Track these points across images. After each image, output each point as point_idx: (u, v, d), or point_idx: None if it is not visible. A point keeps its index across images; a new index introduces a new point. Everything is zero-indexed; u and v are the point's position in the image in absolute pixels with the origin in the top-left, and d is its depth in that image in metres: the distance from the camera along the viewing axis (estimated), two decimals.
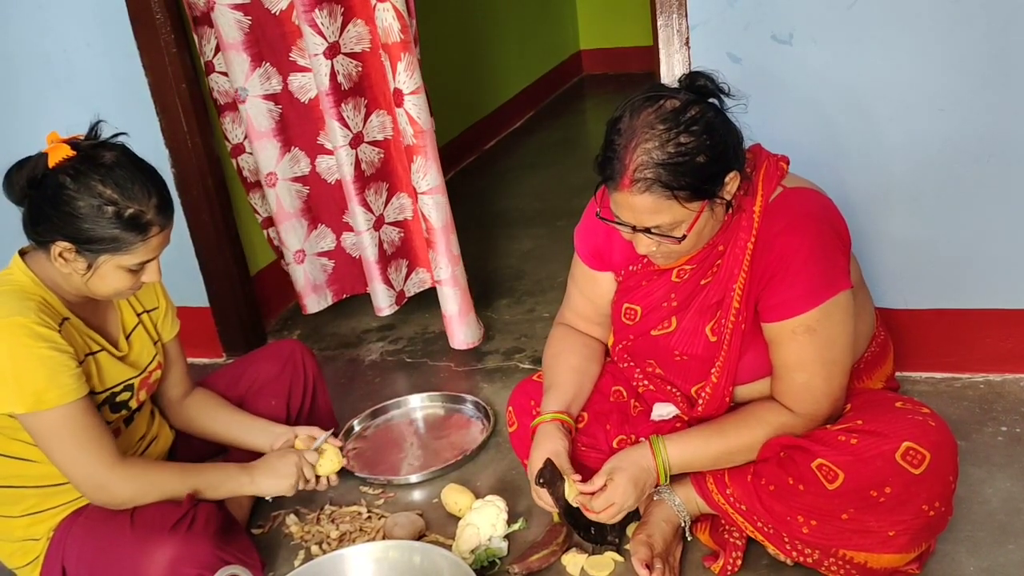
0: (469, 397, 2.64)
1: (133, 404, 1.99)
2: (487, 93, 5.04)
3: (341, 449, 2.11)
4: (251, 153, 2.96)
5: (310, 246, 3.08)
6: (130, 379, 1.97)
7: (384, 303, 3.03)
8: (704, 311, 1.80)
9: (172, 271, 2.52)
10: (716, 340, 1.79)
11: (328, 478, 2.08)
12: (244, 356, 2.47)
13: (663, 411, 1.90)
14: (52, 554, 1.90)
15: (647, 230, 1.65)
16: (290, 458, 2.02)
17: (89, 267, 1.79)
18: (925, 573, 1.77)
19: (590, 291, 2.00)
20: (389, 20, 2.52)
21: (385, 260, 3.01)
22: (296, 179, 3.00)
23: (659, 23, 2.28)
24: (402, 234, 3.06)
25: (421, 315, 3.20)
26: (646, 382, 1.94)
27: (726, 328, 1.76)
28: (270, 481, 2.01)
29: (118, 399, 1.95)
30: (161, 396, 2.18)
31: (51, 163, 1.77)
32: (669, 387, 1.89)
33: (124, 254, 1.78)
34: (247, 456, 2.19)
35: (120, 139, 1.86)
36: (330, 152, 2.97)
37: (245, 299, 3.10)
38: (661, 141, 1.58)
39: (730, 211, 1.73)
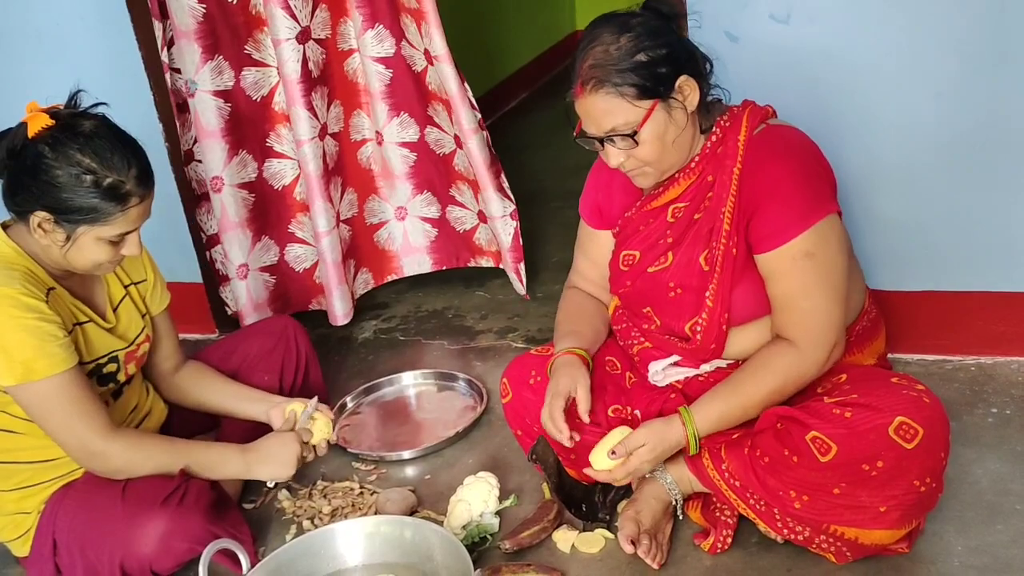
0: (462, 375, 2.65)
1: (121, 377, 1.98)
2: (481, 74, 5.01)
3: (333, 423, 2.11)
4: (199, 160, 2.84)
5: (254, 260, 2.93)
6: (116, 351, 1.96)
7: (342, 310, 2.91)
8: (697, 241, 1.83)
9: (165, 246, 2.52)
10: (709, 269, 1.81)
11: (316, 447, 2.07)
12: (236, 332, 2.47)
13: (659, 366, 1.89)
14: (43, 527, 1.90)
15: (609, 138, 1.75)
16: (291, 446, 1.99)
17: (68, 238, 1.78)
18: (914, 552, 1.78)
19: (595, 253, 2.04)
20: None
21: (344, 260, 2.93)
22: (242, 185, 2.85)
23: None
24: (351, 232, 3.01)
25: (414, 294, 3.20)
26: (643, 339, 1.94)
27: (718, 253, 1.79)
28: (268, 468, 1.99)
29: (104, 371, 1.94)
30: (153, 369, 2.17)
31: (30, 133, 1.76)
32: (667, 336, 1.89)
33: (103, 225, 1.77)
34: (240, 428, 2.20)
35: (100, 109, 1.84)
36: (279, 155, 2.86)
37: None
38: (606, 45, 1.72)
39: (710, 136, 1.81)
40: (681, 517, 1.92)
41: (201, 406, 2.20)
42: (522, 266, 2.91)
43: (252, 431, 2.23)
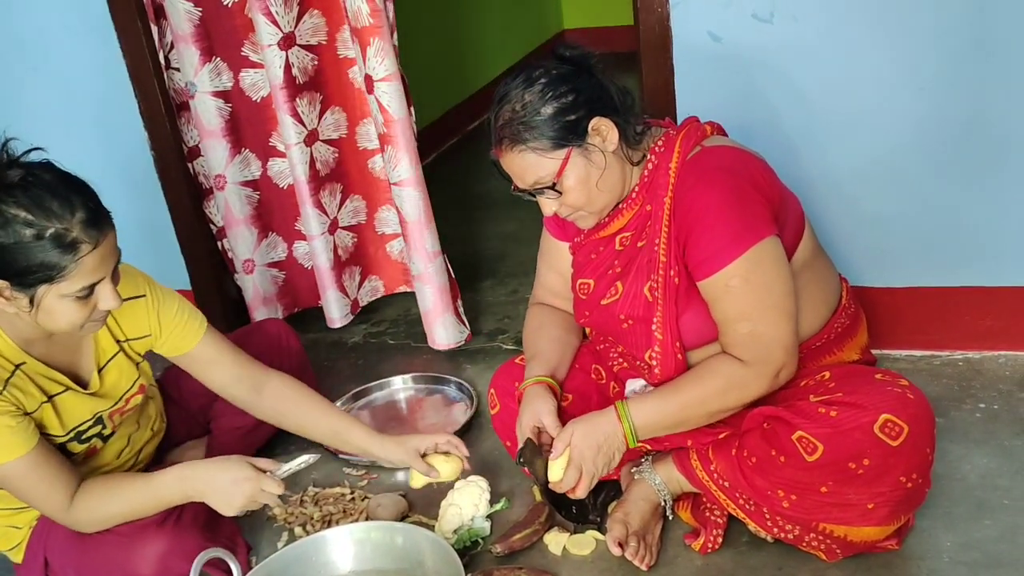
0: (452, 378, 2.64)
1: (106, 432, 1.92)
2: (469, 74, 5.02)
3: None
4: (204, 156, 2.85)
5: (260, 256, 2.96)
6: (99, 412, 1.88)
7: (337, 314, 2.93)
8: (640, 272, 1.83)
9: (153, 254, 2.52)
10: (652, 300, 1.81)
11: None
12: (227, 336, 2.45)
13: (635, 386, 1.91)
14: (34, 543, 1.89)
15: (537, 190, 1.76)
16: (243, 488, 1.80)
17: (31, 302, 1.63)
18: (904, 549, 1.79)
19: (557, 263, 2.03)
20: (358, 3, 2.45)
21: (340, 266, 2.92)
22: (246, 183, 2.87)
23: (639, 2, 2.27)
24: (356, 239, 2.99)
25: (403, 298, 3.19)
26: (620, 360, 1.95)
27: (658, 283, 1.78)
28: (214, 499, 1.82)
29: (85, 436, 1.87)
30: (228, 397, 2.06)
31: None
32: (638, 362, 1.90)
33: (60, 281, 1.60)
34: (231, 438, 2.20)
35: (36, 155, 1.66)
36: (283, 155, 2.85)
37: (227, 280, 3.06)
38: (512, 103, 1.73)
39: (645, 165, 1.80)
40: (671, 517, 1.92)
41: (298, 432, 2.10)
42: (459, 303, 2.79)
43: (243, 439, 2.23)
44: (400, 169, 2.61)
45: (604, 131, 1.74)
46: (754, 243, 1.69)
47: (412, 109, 2.59)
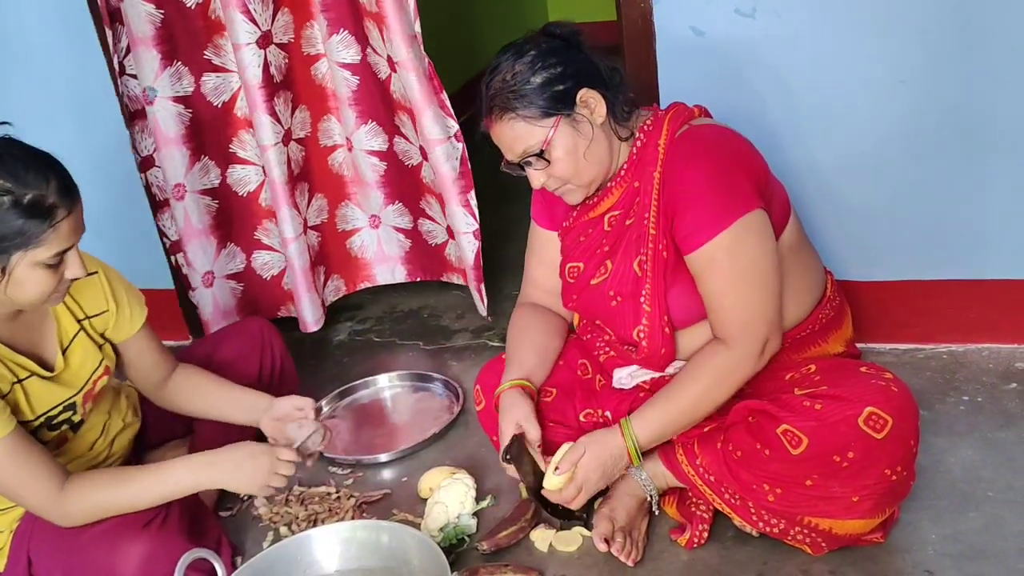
0: (438, 376, 2.64)
1: (76, 419, 1.91)
2: (453, 70, 5.00)
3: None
4: (159, 166, 2.78)
5: (220, 267, 2.92)
6: (70, 399, 1.88)
7: (312, 317, 2.89)
8: (629, 248, 1.84)
9: (136, 253, 2.50)
10: (642, 274, 1.82)
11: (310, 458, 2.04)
12: (210, 336, 2.45)
13: (622, 375, 1.91)
14: (17, 546, 1.87)
15: (525, 161, 1.78)
16: (261, 460, 1.85)
17: (3, 271, 1.67)
18: (889, 542, 1.79)
19: (547, 255, 2.04)
20: None
21: (312, 268, 2.90)
22: (205, 191, 2.82)
23: None
24: (320, 238, 2.98)
25: (389, 295, 3.19)
26: (607, 348, 1.95)
27: (647, 257, 1.80)
28: (233, 481, 1.87)
29: (55, 421, 1.87)
30: (138, 383, 2.12)
31: None
32: (624, 346, 1.90)
33: (36, 247, 1.66)
34: (214, 436, 2.18)
35: (3, 129, 1.72)
36: (242, 161, 2.81)
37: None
38: (503, 73, 1.76)
39: (634, 144, 1.82)
40: (657, 512, 1.92)
41: (192, 414, 2.15)
42: (483, 287, 2.83)
43: (226, 438, 2.21)
44: (430, 131, 2.64)
45: (592, 103, 1.76)
46: (740, 216, 1.71)
47: (442, 96, 2.60)
